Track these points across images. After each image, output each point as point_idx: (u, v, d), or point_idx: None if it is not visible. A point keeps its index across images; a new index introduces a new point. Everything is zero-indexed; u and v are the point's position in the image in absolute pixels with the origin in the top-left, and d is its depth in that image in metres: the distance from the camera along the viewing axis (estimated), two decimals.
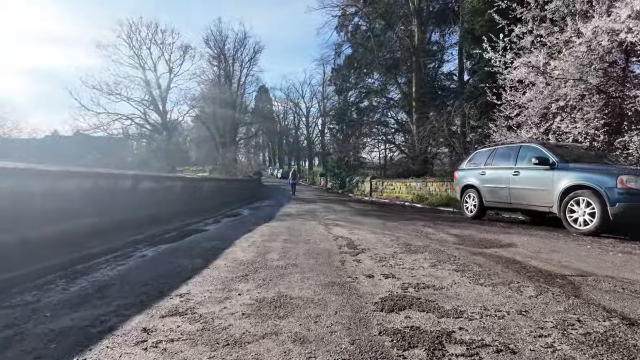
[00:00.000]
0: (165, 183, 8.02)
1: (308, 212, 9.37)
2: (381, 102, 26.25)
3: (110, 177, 5.78)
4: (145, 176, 7.02)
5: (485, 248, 4.08)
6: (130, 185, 6.28)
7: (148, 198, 7.08)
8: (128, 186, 6.25)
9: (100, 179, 5.48)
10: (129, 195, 6.26)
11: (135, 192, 6.55)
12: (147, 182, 7.07)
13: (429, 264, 3.26)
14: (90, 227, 5.06)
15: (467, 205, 7.90)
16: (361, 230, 5.67)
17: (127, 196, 6.20)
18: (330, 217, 7.94)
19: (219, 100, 37.46)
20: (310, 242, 4.63)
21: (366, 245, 4.27)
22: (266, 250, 4.09)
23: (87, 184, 5.12)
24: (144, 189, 6.94)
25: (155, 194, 7.38)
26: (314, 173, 47.27)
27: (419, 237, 4.96)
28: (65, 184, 4.68)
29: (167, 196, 8.13)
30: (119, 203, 5.92)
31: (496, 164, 7.19)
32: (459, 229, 5.91)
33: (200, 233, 5.90)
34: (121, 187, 6.07)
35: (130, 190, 6.32)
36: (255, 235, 5.38)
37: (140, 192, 6.80)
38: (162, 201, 7.76)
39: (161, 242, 4.99)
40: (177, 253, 4.13)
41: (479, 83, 11.95)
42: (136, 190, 6.60)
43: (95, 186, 5.30)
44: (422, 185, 14.95)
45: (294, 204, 13.28)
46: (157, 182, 7.53)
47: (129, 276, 3.10)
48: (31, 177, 4.13)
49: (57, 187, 4.52)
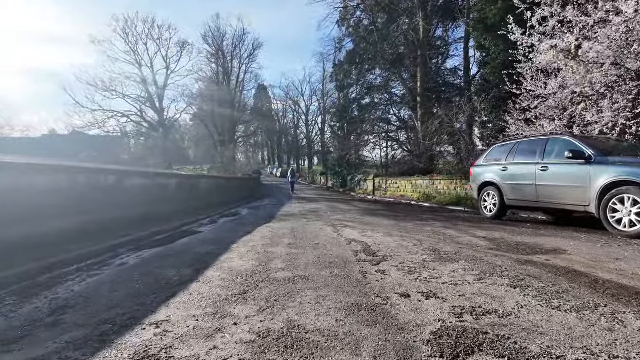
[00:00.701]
0: (157, 180, 7.38)
1: (312, 212, 8.72)
2: (383, 99, 25.62)
3: (93, 172, 5.13)
4: (135, 172, 6.38)
5: (530, 255, 3.44)
6: (115, 182, 5.63)
7: (140, 196, 6.44)
8: (113, 182, 5.60)
9: (80, 174, 4.83)
10: (117, 192, 5.61)
11: (125, 190, 5.90)
12: (137, 178, 6.43)
13: (474, 277, 2.61)
14: (70, 228, 4.41)
15: (485, 204, 7.27)
16: (375, 233, 5.02)
17: (115, 194, 5.55)
18: (337, 218, 7.29)
19: (217, 98, 36.76)
20: (319, 247, 3.99)
21: (387, 252, 3.63)
22: (268, 258, 3.44)
23: (63, 180, 4.47)
24: (134, 186, 6.30)
25: (147, 191, 6.74)
26: (313, 172, 46.60)
27: (444, 240, 4.32)
28: (42, 179, 4.03)
29: (161, 194, 7.49)
30: (106, 201, 5.28)
31: (520, 159, 6.55)
32: (485, 230, 5.27)
33: (194, 235, 5.26)
34: (108, 184, 5.43)
35: (118, 188, 5.67)
36: (256, 238, 4.73)
37: (131, 190, 6.15)
38: (155, 199, 7.11)
39: (148, 246, 4.34)
40: (163, 260, 3.48)
41: (490, 75, 11.32)
42: (125, 187, 5.95)
43: (74, 182, 4.65)
44: (428, 183, 14.31)
45: (296, 203, 12.63)
46: (148, 179, 6.88)
47: (98, 293, 2.46)
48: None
49: (34, 183, 3.87)
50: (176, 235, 5.26)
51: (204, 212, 8.51)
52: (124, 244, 4.46)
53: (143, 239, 4.89)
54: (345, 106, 27.39)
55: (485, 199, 7.26)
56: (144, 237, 4.95)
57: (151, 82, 31.50)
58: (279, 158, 70.40)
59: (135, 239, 4.81)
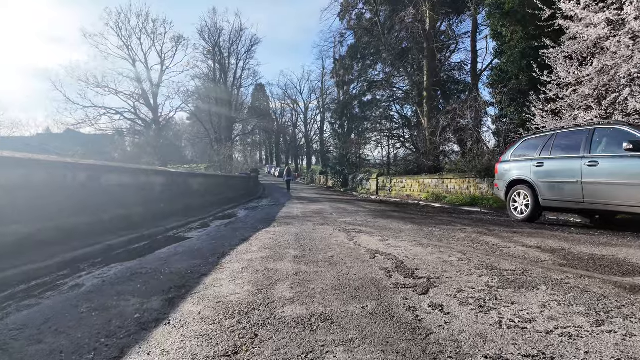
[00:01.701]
0: (140, 178, 6.45)
1: (316, 214, 7.82)
2: (385, 96, 24.78)
3: (54, 167, 4.20)
4: (110, 168, 5.44)
5: (627, 275, 2.55)
6: (87, 179, 4.70)
7: (118, 196, 5.52)
8: (84, 180, 4.67)
9: (37, 168, 3.90)
10: (88, 192, 4.68)
11: (99, 189, 4.98)
12: (114, 175, 5.50)
13: (585, 319, 1.72)
14: (20, 237, 3.49)
15: (515, 205, 6.39)
16: (400, 241, 4.12)
17: (85, 193, 4.62)
18: (346, 221, 6.39)
19: (213, 95, 35.78)
20: (335, 262, 3.09)
21: (428, 270, 2.73)
22: (270, 280, 2.54)
23: (14, 177, 3.54)
24: (111, 185, 5.37)
25: (127, 190, 5.82)
26: (312, 171, 45.70)
27: (493, 253, 3.43)
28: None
29: (145, 194, 6.56)
30: (74, 202, 4.35)
31: (559, 152, 5.68)
32: (531, 237, 4.38)
33: (180, 243, 4.35)
34: (77, 182, 4.51)
35: (91, 187, 4.74)
36: (253, 248, 3.83)
37: (107, 189, 5.23)
38: (138, 200, 6.19)
39: (118, 259, 3.43)
40: (130, 282, 2.58)
41: (508, 66, 10.46)
42: (100, 186, 5.02)
43: (27, 180, 3.72)
44: (438, 182, 13.44)
45: (297, 203, 11.72)
46: (128, 176, 5.96)
47: (9, 348, 1.54)
48: None
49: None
50: (158, 243, 4.35)
51: (197, 213, 7.60)
52: (90, 255, 3.55)
53: (116, 247, 3.98)
54: (346, 103, 26.47)
55: (515, 199, 6.38)
56: (117, 245, 4.04)
57: (145, 78, 30.49)
58: (277, 157, 69.41)
59: (105, 247, 3.90)
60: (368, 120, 24.83)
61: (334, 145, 33.85)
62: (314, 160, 61.28)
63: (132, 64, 29.77)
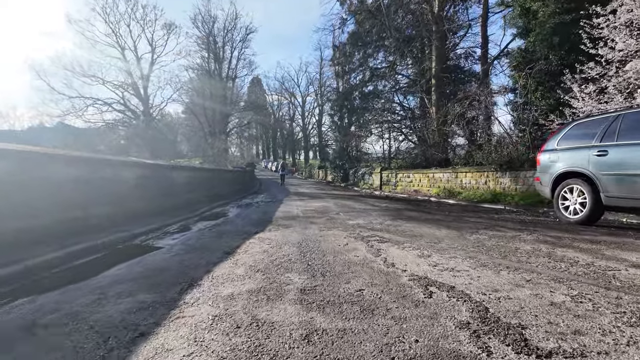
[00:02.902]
0: (103, 171, 5.19)
1: (320, 213, 6.61)
2: (387, 86, 23.52)
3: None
4: (56, 157, 4.19)
5: None
6: (10, 169, 3.46)
7: (70, 193, 4.29)
8: (9, 169, 3.43)
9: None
10: (16, 188, 3.45)
11: (37, 184, 3.74)
12: (59, 166, 4.25)
13: None
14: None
15: (566, 204, 5.22)
16: (449, 258, 2.93)
17: (13, 190, 3.39)
18: (359, 223, 5.19)
19: (207, 87, 34.28)
20: (368, 304, 1.88)
21: (544, 330, 1.54)
22: (262, 350, 1.33)
23: None
24: (57, 179, 4.14)
25: (85, 186, 4.58)
26: (310, 165, 44.39)
27: (608, 282, 2.25)
28: None
29: (113, 190, 5.32)
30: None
31: (629, 137, 4.49)
32: (626, 250, 3.21)
33: (140, 257, 3.12)
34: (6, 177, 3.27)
35: (20, 181, 3.50)
36: (238, 270, 2.61)
37: (51, 184, 4.00)
38: (102, 197, 4.95)
39: (35, 287, 2.22)
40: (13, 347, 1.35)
41: (536, 45, 9.23)
42: (39, 179, 3.79)
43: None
44: (450, 176, 12.26)
45: (296, 199, 10.51)
46: (85, 168, 4.71)
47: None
48: None
49: None
50: (111, 257, 3.13)
51: (180, 212, 6.37)
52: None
53: (39, 269, 2.74)
54: (346, 94, 25.15)
55: (566, 196, 5.21)
56: (42, 265, 2.81)
57: (135, 67, 28.94)
58: (274, 152, 67.90)
59: (29, 267, 2.68)
60: (369, 111, 23.56)
61: (333, 138, 32.57)
62: (311, 155, 60.00)
63: (120, 52, 28.24)
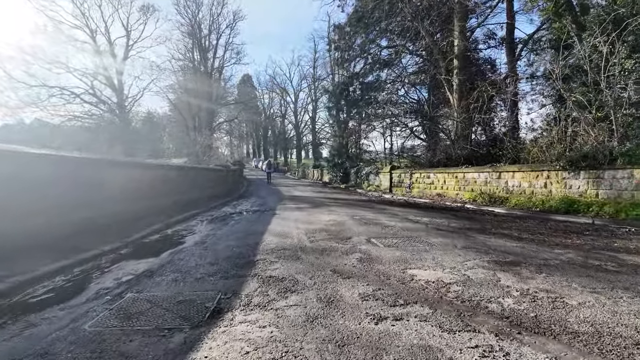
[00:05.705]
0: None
1: (338, 239, 3.86)
2: (392, 75, 20.99)
3: None
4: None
5: None
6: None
7: None
8: None
9: None
10: None
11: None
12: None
13: None
14: None
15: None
16: None
17: None
18: (438, 277, 2.46)
19: (191, 78, 31.18)
20: None
21: None
22: None
23: None
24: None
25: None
26: (304, 165, 41.49)
27: None
28: None
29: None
30: None
31: None
32: None
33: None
34: None
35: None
36: None
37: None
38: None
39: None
40: None
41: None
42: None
43: None
44: (489, 177, 9.64)
45: (293, 209, 7.73)
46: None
47: None
48: None
49: None
50: None
51: (102, 238, 3.53)
52: None
53: None
54: (345, 83, 22.43)
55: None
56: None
57: (107, 53, 25.64)
58: (265, 151, 64.69)
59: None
60: (371, 104, 20.93)
61: (331, 134, 29.84)
62: (303, 154, 57.18)
63: (90, 36, 24.91)
